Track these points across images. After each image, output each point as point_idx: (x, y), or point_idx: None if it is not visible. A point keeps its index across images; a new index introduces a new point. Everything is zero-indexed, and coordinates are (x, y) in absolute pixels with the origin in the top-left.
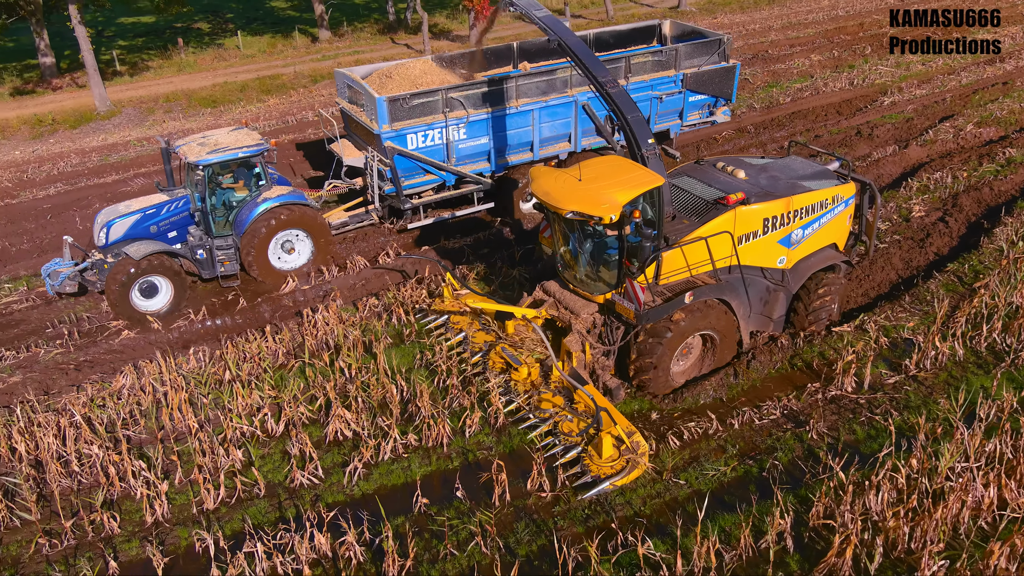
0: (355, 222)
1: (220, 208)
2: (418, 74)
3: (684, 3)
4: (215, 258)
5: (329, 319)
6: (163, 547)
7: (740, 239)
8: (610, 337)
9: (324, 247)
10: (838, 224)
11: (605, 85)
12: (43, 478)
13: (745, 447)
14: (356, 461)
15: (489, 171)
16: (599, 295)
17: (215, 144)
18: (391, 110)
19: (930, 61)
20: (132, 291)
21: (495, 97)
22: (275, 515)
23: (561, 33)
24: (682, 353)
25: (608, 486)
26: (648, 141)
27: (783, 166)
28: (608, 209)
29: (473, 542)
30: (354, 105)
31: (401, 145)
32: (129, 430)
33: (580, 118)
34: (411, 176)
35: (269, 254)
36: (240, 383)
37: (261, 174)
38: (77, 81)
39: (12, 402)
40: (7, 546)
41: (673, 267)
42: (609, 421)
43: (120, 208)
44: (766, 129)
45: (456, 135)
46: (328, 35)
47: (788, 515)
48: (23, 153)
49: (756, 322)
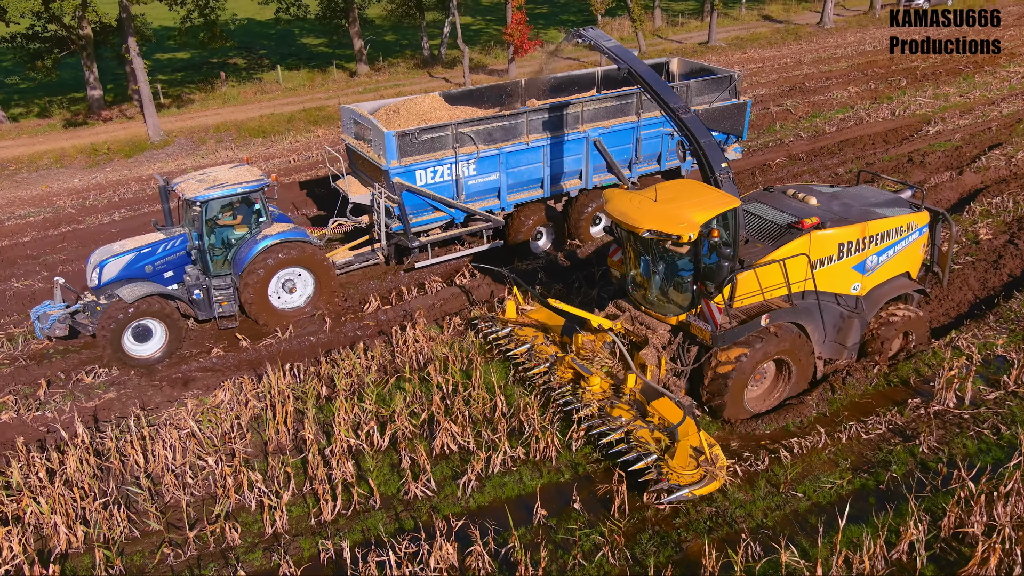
0: (360, 261)
1: (219, 246)
2: (426, 109)
3: (714, 39)
4: (212, 298)
5: (417, 336)
6: (288, 557)
7: (815, 264)
8: (683, 358)
9: (327, 286)
10: (912, 252)
11: (677, 111)
12: (157, 490)
13: (857, 460)
14: (470, 473)
15: (499, 208)
16: (671, 316)
17: (214, 180)
18: (400, 145)
19: (967, 92)
20: (125, 335)
21: (506, 132)
22: (394, 526)
23: (631, 62)
24: (755, 379)
25: (687, 493)
26: (722, 165)
27: (854, 194)
28: (686, 228)
29: (600, 553)
30: (361, 141)
31: (410, 181)
32: (235, 443)
33: (591, 154)
34: (419, 213)
35: (269, 293)
36: (344, 397)
37: (261, 211)
38: (125, 113)
39: (111, 417)
40: (129, 556)
41: (747, 290)
42: (694, 429)
43: (114, 247)
44: (817, 157)
45: (466, 171)
46: (366, 69)
47: (922, 525)
48: (81, 181)
49: (830, 349)
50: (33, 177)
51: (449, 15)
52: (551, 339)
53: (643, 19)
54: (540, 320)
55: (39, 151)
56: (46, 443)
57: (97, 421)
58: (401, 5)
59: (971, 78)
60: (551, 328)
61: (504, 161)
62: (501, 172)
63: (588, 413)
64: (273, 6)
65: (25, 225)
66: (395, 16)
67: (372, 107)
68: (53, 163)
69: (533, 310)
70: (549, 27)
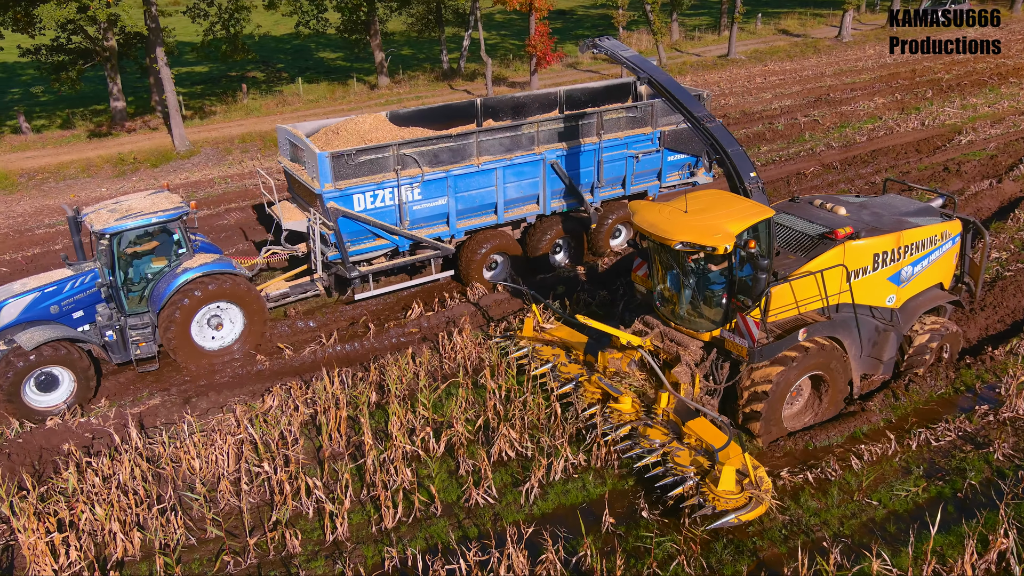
0: (297, 293)
1: (135, 281)
2: (367, 129)
3: (734, 52)
4: (128, 339)
5: (466, 343)
6: (351, 566)
7: (850, 275)
8: (715, 376)
9: (258, 322)
10: (945, 262)
11: (702, 120)
12: (212, 496)
13: (929, 468)
14: (532, 480)
15: (448, 235)
16: (704, 332)
17: (127, 210)
18: (334, 167)
19: (995, 103)
20: (25, 386)
21: (454, 154)
22: (458, 533)
23: (651, 71)
24: (791, 396)
25: (733, 519)
26: (751, 175)
27: (884, 203)
28: (722, 239)
29: (675, 562)
30: (296, 163)
31: (346, 206)
32: (288, 449)
33: (549, 177)
34: (359, 241)
35: (193, 332)
36: (398, 403)
37: (181, 241)
38: (148, 124)
39: (156, 423)
40: (187, 564)
41: (782, 303)
42: (738, 451)
43: (14, 287)
44: (851, 166)
45: (410, 195)
46: (387, 81)
47: (1011, 533)
48: (109, 190)
49: (866, 364)
50: (60, 187)
51: (469, 29)
52: (573, 358)
53: (663, 32)
54: (561, 338)
55: (65, 161)
56: (91, 449)
57: (143, 427)
58: (421, 19)
59: (997, 89)
60: (572, 346)
61: (452, 185)
62: (449, 197)
63: (619, 435)
64: (292, 20)
65: (55, 233)
66: (415, 29)
67: (313, 127)
68: (80, 173)
69: (554, 328)
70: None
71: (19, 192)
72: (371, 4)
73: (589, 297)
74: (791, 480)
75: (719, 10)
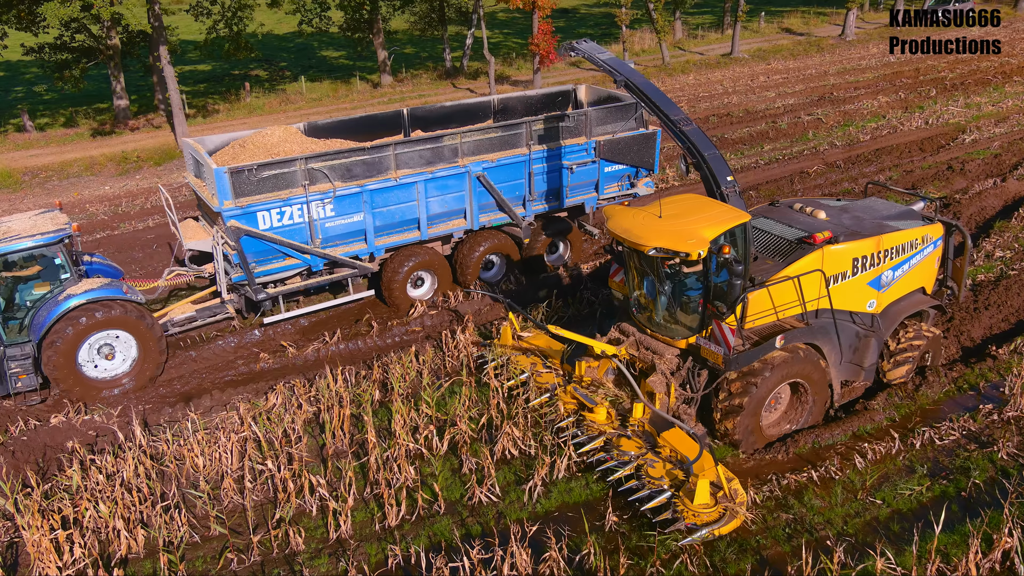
0: (205, 316)
1: (15, 309)
2: (276, 142)
3: (737, 50)
4: (6, 371)
5: (468, 342)
6: (355, 563)
7: (829, 280)
8: (692, 384)
9: (153, 349)
10: (927, 266)
11: (679, 123)
12: (216, 494)
13: (933, 467)
14: (535, 478)
15: (367, 253)
16: (680, 339)
17: (4, 232)
18: (234, 183)
19: (999, 102)
20: None
21: (369, 168)
22: (461, 531)
23: (628, 74)
24: (770, 404)
25: (707, 533)
26: (727, 178)
27: (865, 207)
28: (695, 244)
29: (679, 560)
30: (199, 179)
31: (250, 224)
32: (292, 448)
33: (476, 191)
34: (267, 260)
35: (80, 362)
36: (401, 401)
37: (64, 266)
38: (152, 122)
39: (159, 421)
40: (191, 561)
41: (759, 309)
42: (711, 464)
43: None
44: (854, 164)
45: (321, 212)
46: (390, 80)
47: (1016, 532)
48: (113, 188)
49: (847, 371)
50: (64, 185)
51: (472, 28)
52: (550, 366)
53: (667, 31)
54: (539, 347)
55: (68, 159)
56: (95, 446)
57: (147, 425)
58: (424, 17)
59: (1001, 88)
60: (550, 355)
61: (369, 200)
62: (366, 212)
63: (594, 447)
64: (295, 19)
65: None
66: (418, 28)
67: (223, 140)
68: (83, 171)
69: (532, 336)
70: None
71: (23, 190)
72: (374, 2)
73: (571, 300)
74: (795, 479)
75: (722, 8)
